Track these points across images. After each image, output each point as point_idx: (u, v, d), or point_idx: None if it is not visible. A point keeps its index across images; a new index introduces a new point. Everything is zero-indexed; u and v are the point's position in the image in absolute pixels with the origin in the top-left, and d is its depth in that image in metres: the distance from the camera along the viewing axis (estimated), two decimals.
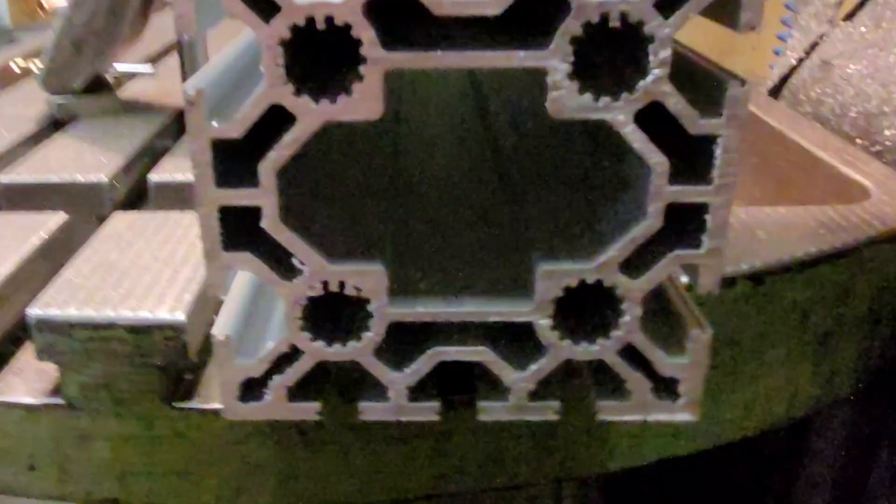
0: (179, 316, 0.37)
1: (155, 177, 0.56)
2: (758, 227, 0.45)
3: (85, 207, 0.55)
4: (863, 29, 0.71)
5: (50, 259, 0.46)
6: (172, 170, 0.57)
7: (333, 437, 0.40)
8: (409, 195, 0.37)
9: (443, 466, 0.42)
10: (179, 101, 0.32)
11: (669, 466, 0.86)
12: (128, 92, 0.79)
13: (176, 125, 0.69)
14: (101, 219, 0.54)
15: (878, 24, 0.69)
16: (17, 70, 0.91)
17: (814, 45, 0.79)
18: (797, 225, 0.45)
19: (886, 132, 0.58)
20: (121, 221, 0.48)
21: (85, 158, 0.59)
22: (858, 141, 0.63)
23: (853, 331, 0.45)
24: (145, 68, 0.84)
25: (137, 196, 0.60)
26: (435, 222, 0.35)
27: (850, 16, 0.77)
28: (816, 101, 0.73)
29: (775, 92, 0.84)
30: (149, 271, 0.41)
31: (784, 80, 0.83)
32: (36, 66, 0.87)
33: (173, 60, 0.76)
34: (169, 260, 0.42)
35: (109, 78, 0.78)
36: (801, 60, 0.81)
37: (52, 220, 0.48)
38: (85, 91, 0.72)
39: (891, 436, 0.57)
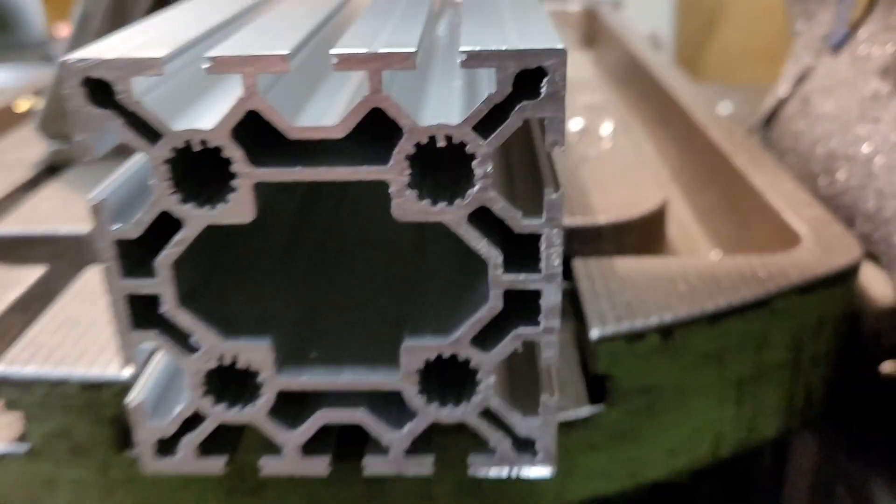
0: (126, 373, 0.43)
1: None
2: (681, 280, 0.50)
3: (68, 258, 0.62)
4: (840, 66, 0.75)
5: (27, 311, 0.53)
6: None
7: (271, 481, 0.46)
8: (326, 269, 0.43)
9: None
10: None
11: (662, 494, 0.90)
12: None
13: None
14: (83, 268, 0.61)
15: (853, 63, 0.73)
16: (24, 110, 0.99)
17: (801, 78, 0.83)
18: (718, 276, 0.50)
19: (839, 175, 0.63)
20: (92, 277, 0.55)
21: (72, 209, 0.66)
22: (820, 180, 0.68)
23: (773, 376, 0.50)
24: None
25: None
26: (343, 296, 0.40)
27: (838, 48, 0.81)
28: (795, 135, 0.77)
29: (768, 122, 0.89)
30: (106, 329, 0.48)
31: (775, 111, 0.87)
32: (36, 105, 0.95)
33: None
34: None
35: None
36: (790, 93, 0.85)
37: (30, 276, 0.55)
38: None
39: (843, 471, 0.61)
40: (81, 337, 0.47)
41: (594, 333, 0.45)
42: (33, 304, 0.54)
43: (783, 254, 0.52)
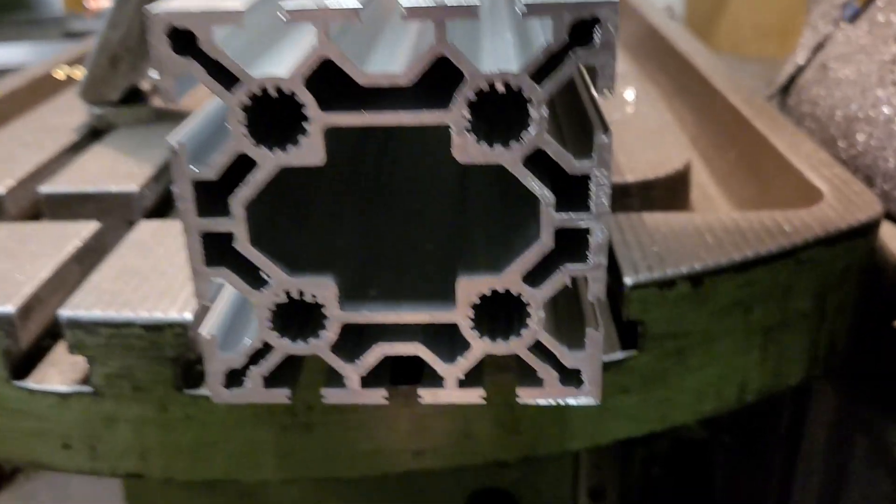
0: (187, 315, 0.46)
1: None
2: (707, 232, 0.52)
3: (117, 215, 0.65)
4: (859, 32, 0.77)
5: (83, 264, 0.55)
6: None
7: (322, 418, 0.48)
8: (381, 211, 0.44)
9: (420, 444, 0.49)
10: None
11: (681, 447, 0.92)
12: (162, 101, 0.88)
13: None
14: (132, 225, 0.63)
15: (871, 29, 0.74)
16: (62, 78, 1.01)
17: (819, 46, 0.85)
18: (744, 230, 0.52)
19: (859, 137, 0.64)
20: (145, 229, 0.57)
21: (118, 168, 0.68)
22: (840, 144, 0.69)
23: (798, 325, 0.52)
24: None
25: (167, 202, 0.69)
26: (398, 236, 0.42)
27: (855, 17, 0.82)
28: (813, 101, 0.79)
29: (785, 89, 0.90)
30: (165, 276, 0.50)
31: (793, 78, 0.88)
32: (75, 74, 0.97)
33: None
34: (183, 265, 0.51)
35: (146, 86, 0.87)
36: (808, 61, 0.86)
37: (85, 229, 0.57)
38: (121, 101, 0.81)
39: (862, 421, 0.63)
40: (140, 284, 0.49)
41: (628, 281, 0.47)
42: (88, 256, 0.56)
43: (806, 209, 0.54)
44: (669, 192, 0.62)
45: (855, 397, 0.65)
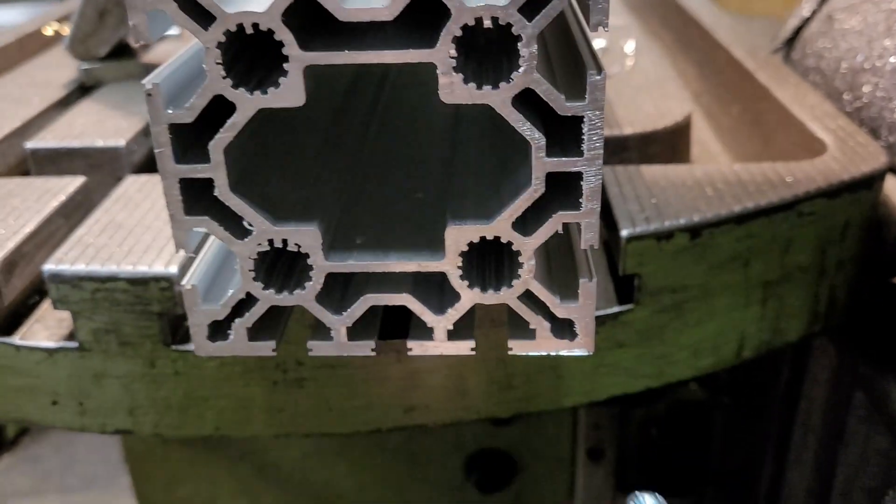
0: (172, 269, 0.45)
1: None
2: (708, 185, 0.50)
3: (105, 170, 0.63)
4: None
5: (69, 219, 0.54)
6: None
7: (312, 374, 0.47)
8: (369, 159, 0.43)
9: (411, 400, 0.49)
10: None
11: (679, 408, 0.92)
12: (152, 55, 0.86)
13: None
14: (120, 180, 0.62)
15: None
16: (50, 34, 0.99)
17: None
18: (745, 181, 0.50)
19: (865, 88, 0.63)
20: (132, 184, 0.56)
21: (106, 124, 0.67)
22: (845, 96, 0.67)
23: (798, 279, 0.51)
24: (170, 31, 0.92)
25: (154, 158, 0.68)
26: (386, 184, 0.41)
27: None
28: (818, 54, 0.77)
29: (790, 42, 0.88)
30: (150, 230, 0.49)
31: (798, 31, 0.86)
32: (63, 30, 0.95)
33: None
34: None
35: (133, 42, 0.85)
36: (813, 13, 0.84)
37: (71, 184, 0.56)
38: (109, 56, 0.79)
39: (861, 377, 0.62)
40: (125, 238, 0.48)
41: (624, 232, 0.46)
42: (75, 211, 0.55)
43: (809, 161, 0.53)
44: (669, 145, 0.61)
45: (854, 354, 0.64)
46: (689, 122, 0.63)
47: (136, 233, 0.48)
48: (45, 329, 0.49)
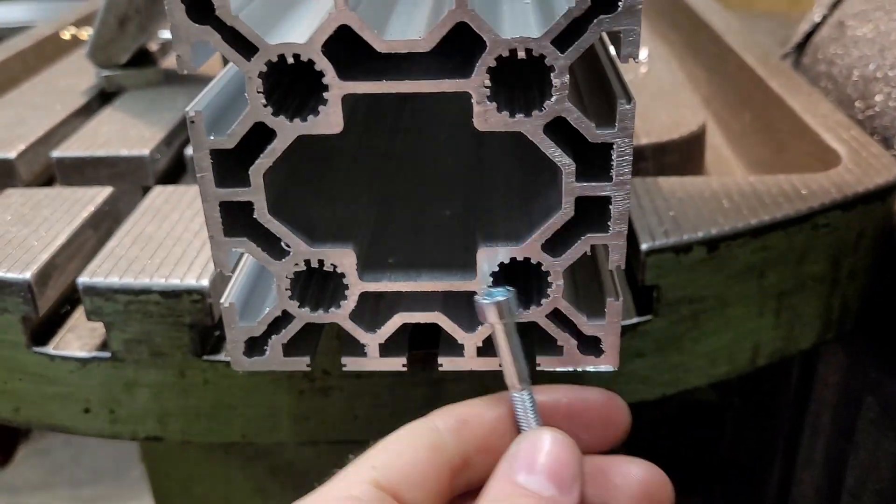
0: (204, 282, 0.46)
1: (190, 151, 0.65)
2: (724, 197, 0.51)
3: (129, 179, 0.64)
4: None
5: (98, 229, 0.55)
6: None
7: (339, 383, 0.48)
8: (397, 182, 0.44)
9: (436, 408, 0.49)
10: (220, 70, 0.39)
11: (690, 408, 0.93)
12: (172, 61, 0.87)
13: None
14: (146, 189, 0.63)
15: None
16: (68, 38, 1.00)
17: (836, 3, 0.83)
18: (760, 194, 0.51)
19: (877, 97, 0.63)
20: (159, 195, 0.57)
21: (129, 132, 0.68)
22: (857, 104, 0.68)
23: (812, 289, 0.51)
24: None
25: (178, 166, 0.69)
26: (414, 204, 0.42)
27: None
28: (830, 60, 0.78)
29: (800, 48, 0.89)
30: (181, 242, 0.50)
31: (808, 36, 0.87)
32: (81, 34, 0.96)
33: None
34: (199, 232, 0.51)
35: (154, 46, 0.86)
36: (824, 18, 0.85)
37: (99, 195, 0.57)
38: (130, 63, 0.80)
39: (872, 382, 0.63)
40: (156, 250, 0.49)
41: (644, 246, 0.47)
42: (103, 221, 0.56)
43: (824, 173, 0.53)
44: (684, 154, 0.61)
45: (865, 360, 0.65)
46: (703, 131, 0.63)
47: (166, 245, 0.49)
48: (77, 339, 0.50)
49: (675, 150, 0.61)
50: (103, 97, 0.79)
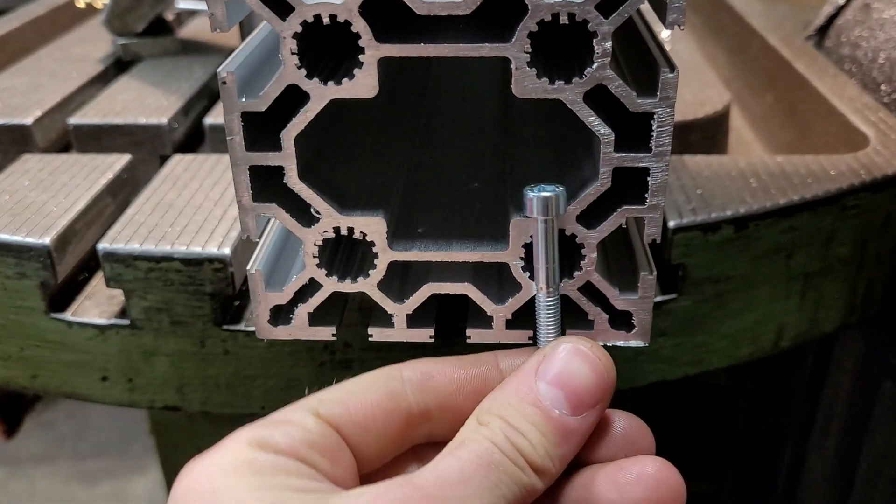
0: (226, 251, 0.45)
1: (210, 119, 0.64)
2: (752, 176, 0.50)
3: (147, 147, 0.64)
4: None
5: (116, 197, 0.55)
6: None
7: (360, 356, 0.48)
8: (425, 150, 0.43)
9: None
10: (237, 40, 0.38)
11: (703, 392, 0.92)
12: (188, 30, 0.86)
13: None
14: (163, 157, 0.63)
15: None
16: (82, 6, 0.99)
17: None
18: (788, 174, 0.50)
19: None
20: (179, 163, 0.56)
21: (147, 101, 0.67)
22: (883, 87, 0.67)
23: (838, 271, 0.51)
24: (205, 6, 0.92)
25: (196, 135, 0.68)
26: (442, 174, 0.42)
27: None
28: (854, 43, 0.77)
29: (823, 31, 0.88)
30: (201, 210, 0.49)
31: (832, 19, 0.86)
32: (96, 3, 0.95)
33: None
34: (219, 200, 0.50)
35: (170, 16, 0.85)
36: (848, 1, 0.84)
37: (117, 162, 0.56)
38: (146, 32, 0.80)
39: (891, 368, 0.63)
40: (176, 218, 0.48)
41: (671, 223, 0.46)
42: (121, 189, 0.56)
43: (852, 154, 0.53)
44: (708, 134, 0.61)
45: (884, 345, 0.64)
46: (727, 110, 0.63)
47: (186, 213, 0.49)
48: (95, 306, 0.49)
49: (699, 128, 0.60)
50: (119, 66, 0.78)
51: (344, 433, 0.32)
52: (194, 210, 0.49)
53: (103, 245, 0.45)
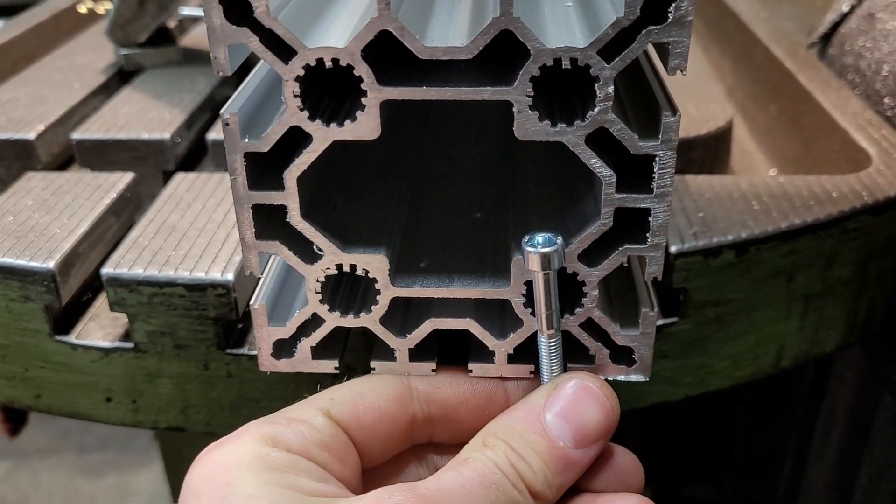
0: (229, 276, 0.45)
1: (213, 135, 0.64)
2: (754, 198, 0.50)
3: (150, 162, 0.64)
4: None
5: (119, 215, 0.55)
6: None
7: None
8: (425, 184, 0.43)
9: None
10: None
11: (703, 404, 0.93)
12: (191, 38, 0.86)
13: (235, 76, 0.76)
14: (166, 173, 0.63)
15: None
16: (84, 12, 0.99)
17: None
18: (790, 195, 0.50)
19: None
20: (182, 182, 0.56)
21: (149, 114, 0.67)
22: (886, 100, 0.67)
23: (839, 293, 0.51)
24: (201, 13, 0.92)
25: (199, 149, 0.68)
26: (444, 207, 0.42)
27: None
28: (858, 53, 0.77)
29: (826, 38, 0.87)
30: (204, 233, 0.49)
31: (835, 26, 0.86)
32: (98, 8, 0.95)
33: None
34: (222, 222, 0.50)
35: (172, 23, 0.85)
36: (852, 8, 0.83)
37: (120, 181, 0.56)
38: (149, 42, 0.80)
39: (890, 382, 0.63)
40: (179, 241, 0.48)
41: (673, 249, 0.47)
42: (125, 208, 0.56)
43: (854, 174, 0.53)
44: (711, 150, 0.61)
45: (884, 360, 0.64)
46: (730, 126, 0.63)
47: (189, 235, 0.49)
48: (99, 328, 0.49)
49: (701, 145, 0.60)
50: (122, 76, 0.78)
51: (352, 434, 0.34)
52: (197, 233, 0.49)
53: (107, 270, 0.46)
